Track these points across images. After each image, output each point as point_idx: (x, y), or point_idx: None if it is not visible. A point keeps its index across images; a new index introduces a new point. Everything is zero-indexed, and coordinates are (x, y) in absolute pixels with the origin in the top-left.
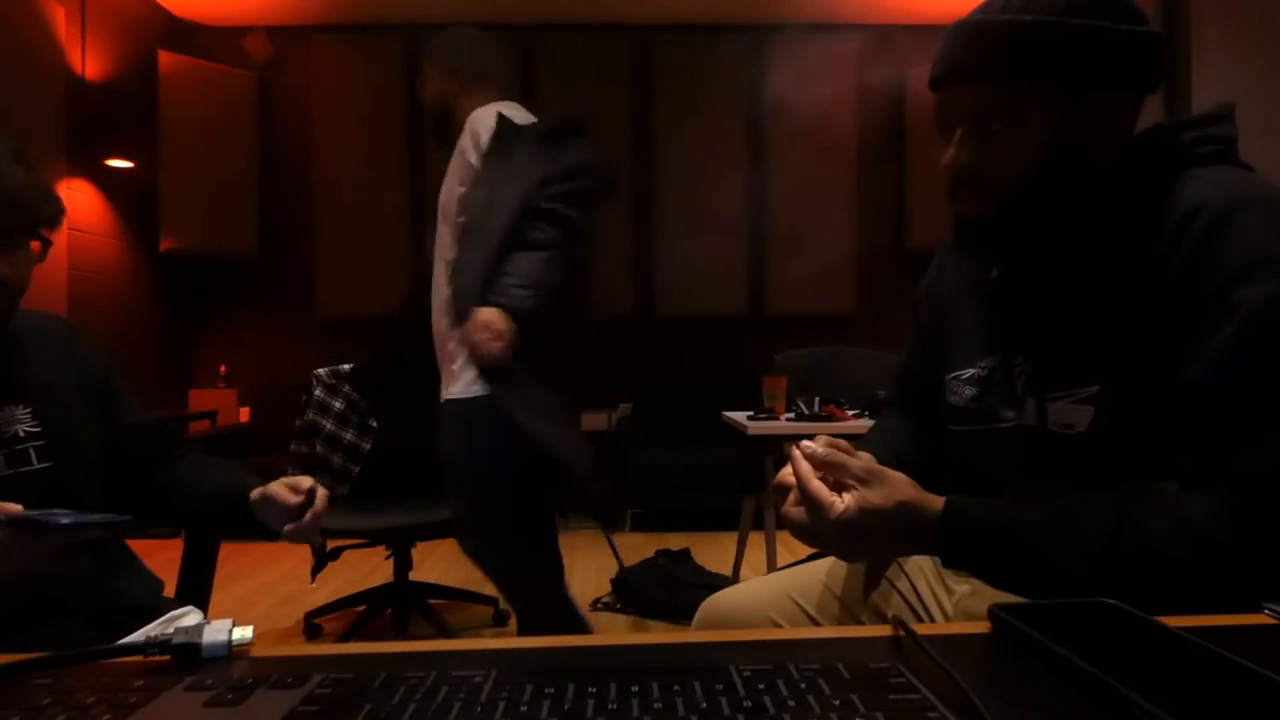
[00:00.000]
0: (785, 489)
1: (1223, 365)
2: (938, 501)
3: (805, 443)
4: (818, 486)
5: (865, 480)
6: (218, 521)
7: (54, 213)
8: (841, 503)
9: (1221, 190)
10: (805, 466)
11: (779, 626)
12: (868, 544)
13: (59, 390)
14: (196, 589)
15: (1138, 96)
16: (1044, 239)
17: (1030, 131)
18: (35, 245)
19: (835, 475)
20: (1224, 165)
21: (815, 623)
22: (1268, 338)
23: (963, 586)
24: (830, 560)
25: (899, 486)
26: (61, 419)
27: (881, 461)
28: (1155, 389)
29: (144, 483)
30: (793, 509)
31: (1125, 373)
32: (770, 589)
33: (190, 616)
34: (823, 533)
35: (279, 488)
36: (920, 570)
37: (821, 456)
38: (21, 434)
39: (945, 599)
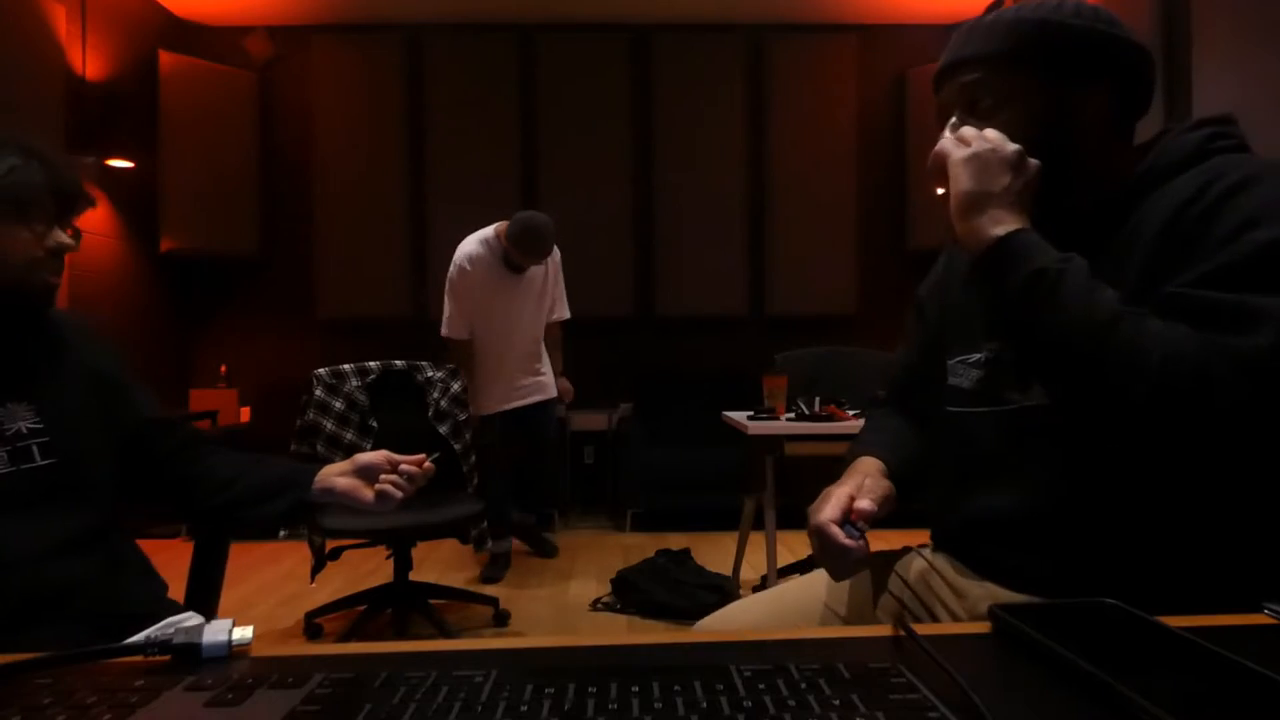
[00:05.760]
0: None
1: (1217, 277)
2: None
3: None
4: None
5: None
6: (265, 512)
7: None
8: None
9: (1241, 164)
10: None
11: None
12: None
13: (65, 386)
14: (206, 591)
15: (1122, 99)
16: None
17: (1014, 113)
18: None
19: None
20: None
21: None
22: (1266, 266)
23: (975, 590)
24: (827, 577)
25: None
26: (66, 415)
27: (889, 463)
28: None
29: (164, 476)
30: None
31: None
32: (768, 607)
33: (190, 619)
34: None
35: (347, 485)
36: (925, 579)
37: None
38: (24, 430)
39: (956, 605)
